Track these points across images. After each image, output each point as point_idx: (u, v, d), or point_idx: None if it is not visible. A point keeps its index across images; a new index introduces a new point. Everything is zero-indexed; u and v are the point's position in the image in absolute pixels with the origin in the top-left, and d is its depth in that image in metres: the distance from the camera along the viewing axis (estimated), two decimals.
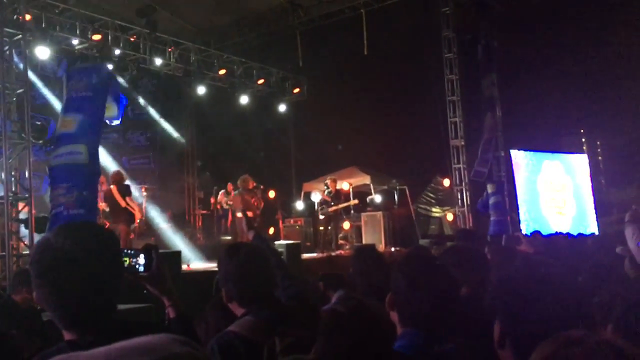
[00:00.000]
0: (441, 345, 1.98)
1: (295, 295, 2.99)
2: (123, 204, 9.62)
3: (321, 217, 12.16)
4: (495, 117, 12.19)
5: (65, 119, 7.39)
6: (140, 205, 12.12)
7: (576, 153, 14.80)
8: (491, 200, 11.69)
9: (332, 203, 11.86)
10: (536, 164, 12.86)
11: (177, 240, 12.11)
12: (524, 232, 11.56)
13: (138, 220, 11.13)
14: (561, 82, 14.99)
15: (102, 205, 9.98)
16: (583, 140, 18.58)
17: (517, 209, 11.92)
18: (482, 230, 11.37)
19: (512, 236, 5.67)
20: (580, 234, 8.55)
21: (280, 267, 2.92)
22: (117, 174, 10.12)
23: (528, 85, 14.45)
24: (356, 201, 12.44)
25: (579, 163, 14.06)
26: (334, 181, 12.25)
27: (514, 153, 12.42)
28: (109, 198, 9.86)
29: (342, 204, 12.02)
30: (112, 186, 9.83)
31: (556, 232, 9.83)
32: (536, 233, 8.44)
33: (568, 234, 8.28)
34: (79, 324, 1.46)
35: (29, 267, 1.48)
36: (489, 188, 11.76)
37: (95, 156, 7.31)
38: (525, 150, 12.77)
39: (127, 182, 10.45)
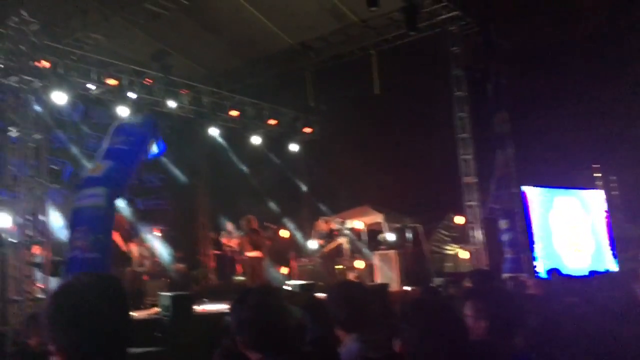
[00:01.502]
0: None
1: (315, 340, 2.95)
2: (123, 248, 9.67)
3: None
4: (506, 154, 12.17)
5: (97, 165, 7.68)
6: (151, 247, 12.17)
7: (591, 189, 14.71)
8: (505, 238, 11.59)
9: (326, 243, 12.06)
10: (548, 200, 12.79)
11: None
12: (538, 269, 11.42)
13: (148, 262, 11.22)
14: (573, 118, 15.02)
15: None
16: (598, 175, 18.46)
17: (532, 246, 11.79)
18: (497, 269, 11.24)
19: (518, 280, 5.58)
20: (594, 272, 8.41)
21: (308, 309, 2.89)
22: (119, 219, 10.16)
23: (540, 121, 14.49)
24: (340, 241, 12.49)
25: (595, 199, 13.96)
26: (326, 221, 12.40)
27: (527, 189, 12.36)
28: None
29: (332, 244, 12.14)
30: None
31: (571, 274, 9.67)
32: (554, 271, 8.32)
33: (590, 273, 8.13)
34: None
35: (47, 310, 1.54)
36: (502, 225, 11.68)
37: (113, 201, 7.43)
38: (537, 186, 12.71)
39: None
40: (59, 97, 10.29)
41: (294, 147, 15.62)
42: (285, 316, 2.41)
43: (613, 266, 12.50)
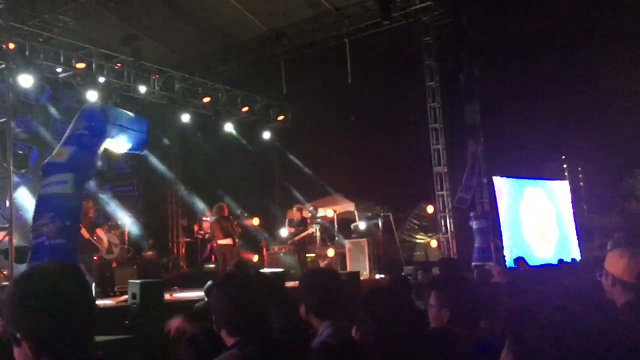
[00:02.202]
0: None
1: (285, 328, 2.97)
2: (87, 236, 9.49)
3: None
4: (477, 144, 12.33)
5: (59, 150, 7.47)
6: (122, 234, 12.03)
7: (558, 179, 15.00)
8: (474, 226, 11.77)
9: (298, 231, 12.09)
10: (518, 190, 13.01)
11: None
12: (507, 258, 11.63)
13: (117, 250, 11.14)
14: (543, 110, 15.26)
15: None
16: (565, 166, 18.85)
17: (500, 235, 12.00)
18: (466, 257, 11.42)
19: (482, 269, 5.66)
20: (562, 260, 8.60)
21: (274, 293, 2.90)
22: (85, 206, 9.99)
23: (510, 112, 14.67)
24: (311, 231, 12.52)
25: (561, 189, 14.25)
26: (300, 210, 12.42)
27: (497, 180, 12.55)
28: None
29: (304, 232, 12.16)
30: None
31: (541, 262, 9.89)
32: (520, 259, 8.49)
33: (558, 262, 8.30)
34: (56, 355, 1.51)
35: (9, 296, 1.53)
36: (472, 214, 11.87)
37: (80, 187, 7.30)
38: (507, 177, 12.91)
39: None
40: (25, 80, 10.04)
41: (266, 135, 15.56)
42: (263, 302, 2.43)
43: (577, 255, 12.81)
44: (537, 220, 13.05)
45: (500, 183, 12.59)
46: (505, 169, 13.17)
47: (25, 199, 11.28)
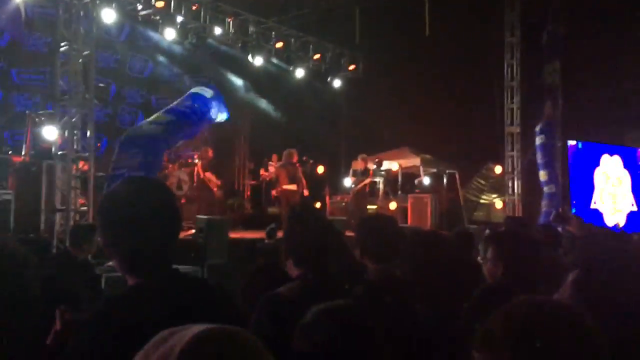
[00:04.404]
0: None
1: (342, 270, 3.05)
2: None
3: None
4: (555, 106, 11.83)
5: (159, 115, 8.32)
6: (191, 172, 12.43)
7: (638, 149, 14.23)
8: (545, 190, 11.41)
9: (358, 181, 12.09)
10: (594, 156, 12.47)
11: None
12: None
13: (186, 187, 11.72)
14: (628, 75, 14.34)
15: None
16: None
17: (571, 201, 11.62)
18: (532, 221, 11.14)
19: (560, 214, 5.46)
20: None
21: (333, 237, 2.98)
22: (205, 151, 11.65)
23: (592, 75, 13.89)
24: (368, 181, 12.44)
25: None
26: (364, 160, 12.34)
27: (572, 144, 12.07)
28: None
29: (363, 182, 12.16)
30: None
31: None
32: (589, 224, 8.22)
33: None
34: (139, 269, 1.56)
35: (97, 214, 1.60)
36: (542, 176, 11.46)
37: (170, 133, 7.87)
38: (584, 142, 12.38)
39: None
40: (108, 15, 10.30)
41: (336, 84, 15.46)
42: (327, 239, 2.52)
43: None
44: (611, 189, 12.52)
45: (576, 148, 12.10)
46: (582, 133, 12.61)
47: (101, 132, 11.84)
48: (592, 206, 12.15)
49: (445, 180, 13.36)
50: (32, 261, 1.39)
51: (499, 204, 13.62)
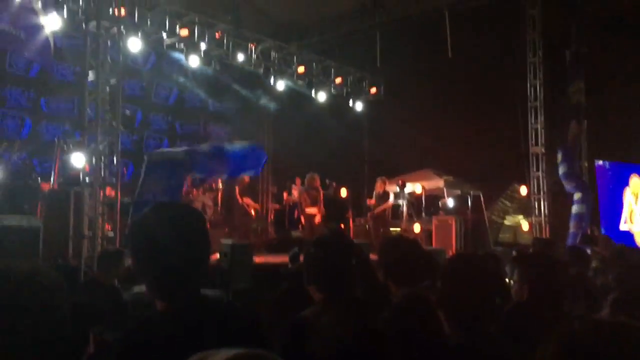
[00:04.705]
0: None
1: (365, 293, 3.03)
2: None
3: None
4: (580, 126, 11.70)
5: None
6: (215, 197, 12.52)
7: None
8: (574, 210, 11.22)
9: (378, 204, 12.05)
10: (623, 176, 12.26)
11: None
12: None
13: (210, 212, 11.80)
14: None
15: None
16: None
17: (600, 222, 11.41)
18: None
19: (588, 235, 5.41)
20: None
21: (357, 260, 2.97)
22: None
23: (618, 94, 13.72)
24: (389, 204, 12.35)
25: None
26: (383, 182, 12.31)
27: (599, 164, 11.89)
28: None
29: (383, 205, 12.10)
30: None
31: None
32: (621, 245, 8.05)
33: None
34: (168, 294, 1.58)
35: (129, 238, 1.62)
36: (576, 196, 11.26)
37: (192, 158, 7.98)
38: (611, 161, 12.19)
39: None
40: (134, 44, 10.55)
41: (358, 107, 15.53)
42: (351, 264, 2.52)
43: None
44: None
45: (603, 168, 11.91)
46: (609, 153, 12.42)
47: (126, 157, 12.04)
48: (622, 227, 11.91)
49: (469, 202, 13.22)
50: (63, 286, 1.41)
51: (525, 225, 13.42)
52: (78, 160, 8.60)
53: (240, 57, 12.96)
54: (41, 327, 1.30)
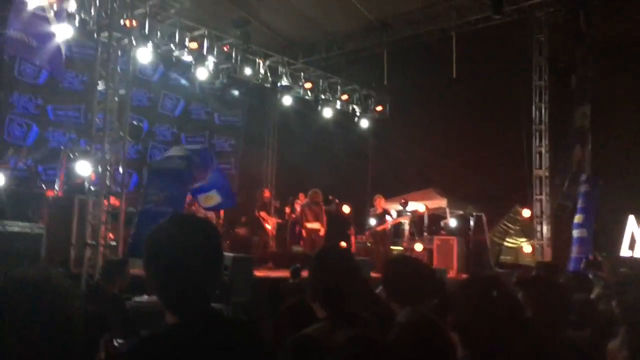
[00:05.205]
0: None
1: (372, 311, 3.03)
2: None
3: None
4: (585, 150, 11.72)
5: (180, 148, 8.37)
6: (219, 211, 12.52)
7: None
8: (575, 234, 11.19)
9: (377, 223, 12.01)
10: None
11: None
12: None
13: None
14: None
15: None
16: None
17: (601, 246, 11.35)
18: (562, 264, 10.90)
19: (591, 261, 5.40)
20: None
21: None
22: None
23: (623, 118, 13.75)
24: (387, 225, 12.26)
25: None
26: (379, 201, 12.26)
27: (603, 189, 11.87)
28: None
29: (381, 225, 12.06)
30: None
31: None
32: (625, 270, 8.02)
33: None
34: (179, 307, 1.58)
35: (143, 249, 1.62)
36: (577, 219, 11.24)
37: (192, 167, 7.88)
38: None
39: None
40: (144, 55, 10.64)
41: (364, 124, 15.58)
42: (354, 280, 2.50)
43: None
44: None
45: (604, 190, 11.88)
46: (613, 177, 12.40)
47: (131, 167, 12.06)
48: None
49: (472, 223, 13.21)
50: (77, 294, 1.42)
51: (527, 248, 13.39)
52: (83, 168, 8.64)
53: (248, 71, 13.07)
54: (55, 333, 1.31)
